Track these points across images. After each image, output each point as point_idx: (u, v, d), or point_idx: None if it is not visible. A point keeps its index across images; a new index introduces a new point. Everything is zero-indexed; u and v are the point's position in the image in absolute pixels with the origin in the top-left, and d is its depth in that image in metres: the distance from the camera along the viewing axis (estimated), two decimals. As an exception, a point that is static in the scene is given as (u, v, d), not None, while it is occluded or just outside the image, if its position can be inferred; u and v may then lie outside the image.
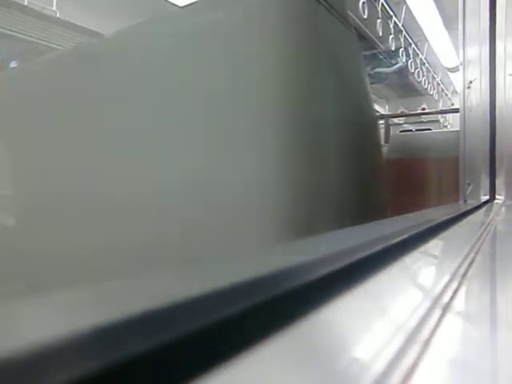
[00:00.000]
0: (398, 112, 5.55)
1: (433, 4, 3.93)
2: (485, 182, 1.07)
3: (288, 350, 0.15)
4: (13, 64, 2.45)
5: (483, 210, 0.87)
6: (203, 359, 0.12)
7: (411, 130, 2.64)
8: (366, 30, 4.19)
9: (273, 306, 0.16)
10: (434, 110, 5.56)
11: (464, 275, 0.26)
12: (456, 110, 1.54)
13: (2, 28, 2.44)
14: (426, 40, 4.98)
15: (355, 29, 0.73)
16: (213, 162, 0.55)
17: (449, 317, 0.18)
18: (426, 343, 0.15)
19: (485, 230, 0.49)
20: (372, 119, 0.85)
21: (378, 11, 3.85)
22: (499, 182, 1.08)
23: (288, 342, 0.15)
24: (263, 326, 0.15)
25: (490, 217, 0.75)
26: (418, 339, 0.15)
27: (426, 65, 5.65)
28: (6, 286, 0.70)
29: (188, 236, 0.56)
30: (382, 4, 3.89)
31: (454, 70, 5.35)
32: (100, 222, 0.66)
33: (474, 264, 0.30)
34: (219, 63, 0.57)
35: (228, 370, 0.12)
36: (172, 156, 0.60)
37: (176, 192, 0.59)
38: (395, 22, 4.30)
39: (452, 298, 0.21)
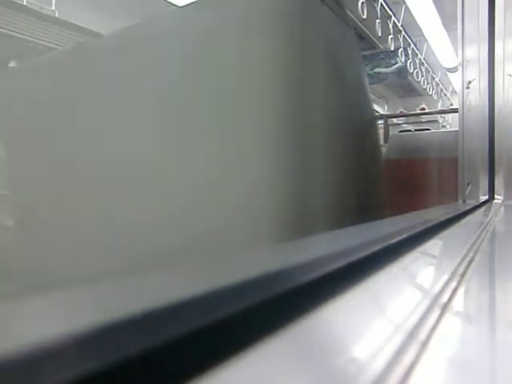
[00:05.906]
0: (398, 112, 5.54)
1: (432, 4, 3.93)
2: (484, 182, 1.07)
3: (287, 349, 0.15)
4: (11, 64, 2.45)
5: (482, 209, 0.87)
6: (203, 359, 0.12)
7: (410, 130, 2.63)
8: (366, 30, 4.19)
9: (272, 306, 0.16)
10: (433, 110, 5.55)
11: (463, 275, 0.26)
12: (455, 110, 1.54)
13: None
14: (425, 40, 4.98)
15: (354, 28, 0.73)
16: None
17: (447, 316, 0.18)
18: (425, 342, 0.15)
19: (484, 229, 0.49)
20: (371, 119, 0.85)
21: (377, 11, 3.85)
22: (498, 182, 1.08)
23: (287, 342, 0.15)
24: (263, 325, 0.15)
25: (489, 217, 0.75)
26: (416, 338, 0.15)
27: (425, 65, 5.65)
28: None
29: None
30: (381, 4, 3.89)
31: (453, 70, 5.35)
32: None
33: (473, 264, 0.30)
34: (218, 64, 0.57)
35: (227, 370, 0.12)
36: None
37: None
38: (394, 22, 4.30)
39: (451, 297, 0.21)
